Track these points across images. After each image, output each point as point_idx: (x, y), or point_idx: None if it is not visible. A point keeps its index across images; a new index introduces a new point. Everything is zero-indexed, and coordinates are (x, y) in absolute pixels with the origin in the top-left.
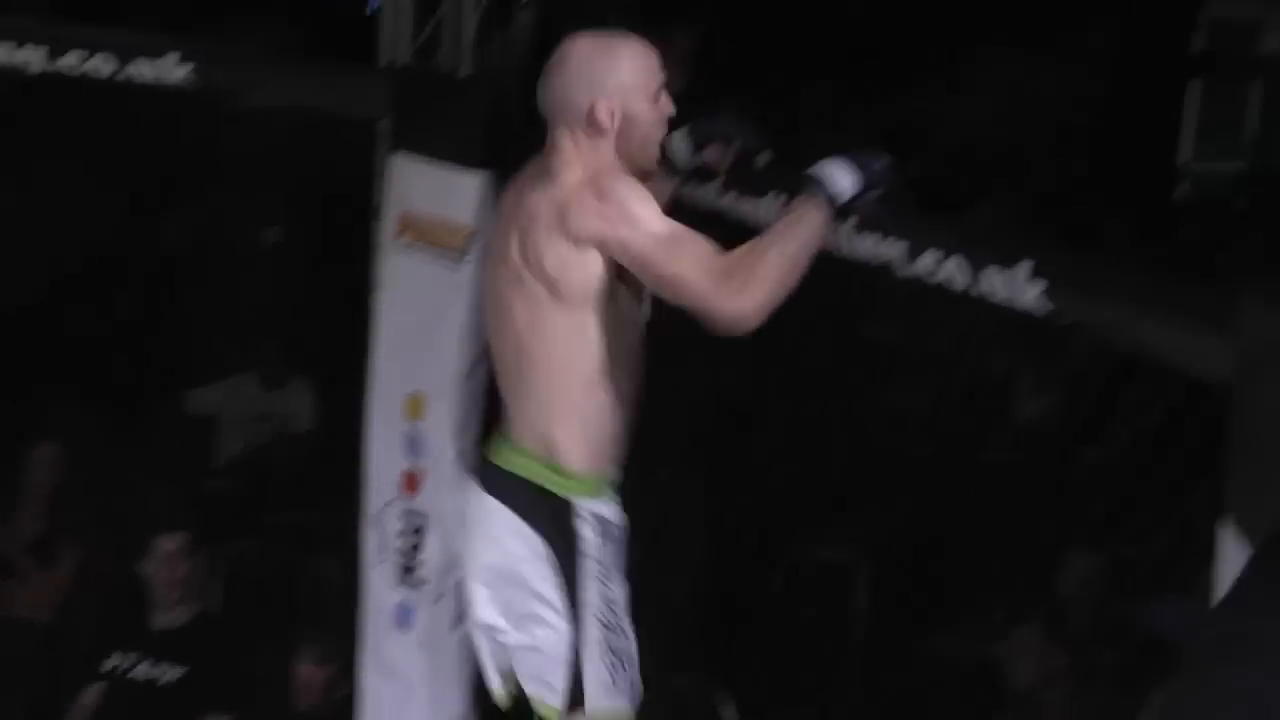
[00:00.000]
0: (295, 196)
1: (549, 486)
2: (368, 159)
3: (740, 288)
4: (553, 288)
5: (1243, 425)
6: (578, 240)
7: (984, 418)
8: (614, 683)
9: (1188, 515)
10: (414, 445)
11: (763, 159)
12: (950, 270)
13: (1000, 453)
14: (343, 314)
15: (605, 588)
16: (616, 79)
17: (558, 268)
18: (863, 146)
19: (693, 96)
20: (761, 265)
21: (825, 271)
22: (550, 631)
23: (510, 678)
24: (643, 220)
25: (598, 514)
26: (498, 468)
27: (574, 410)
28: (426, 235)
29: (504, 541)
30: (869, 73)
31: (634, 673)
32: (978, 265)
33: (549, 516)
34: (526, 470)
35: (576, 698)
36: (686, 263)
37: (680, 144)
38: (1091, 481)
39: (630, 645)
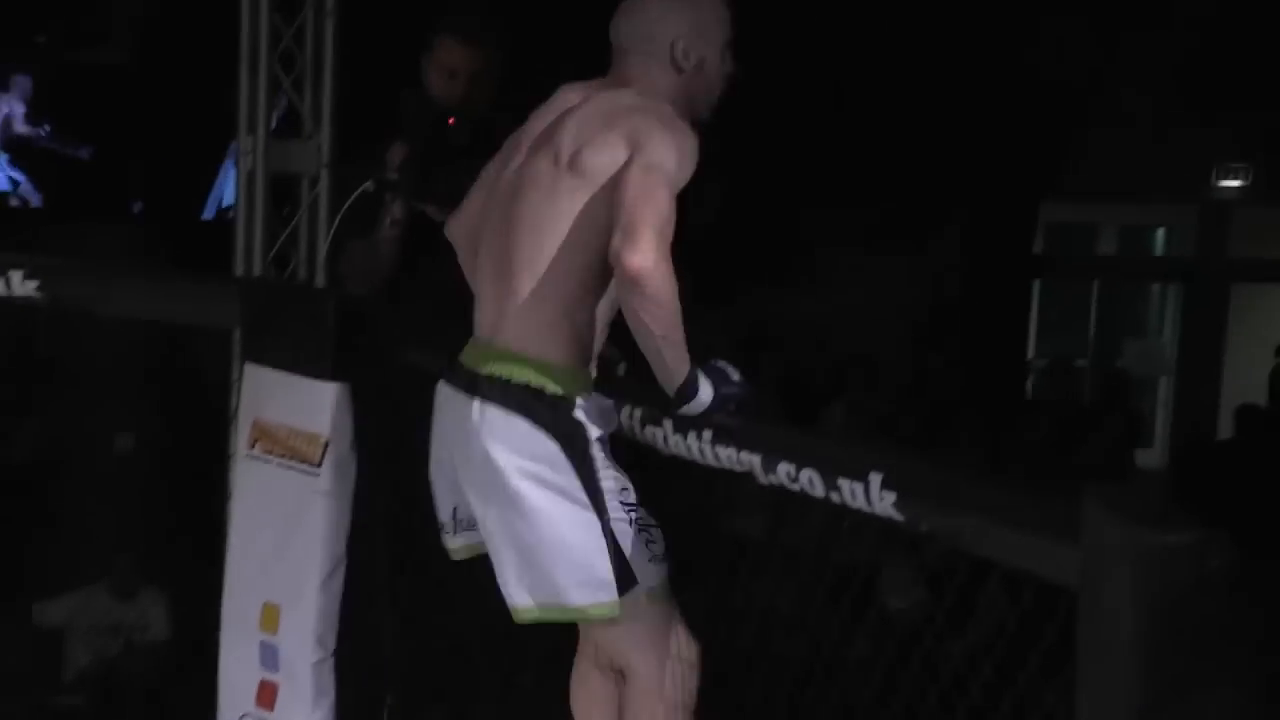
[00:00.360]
0: (150, 403)
1: (547, 387)
2: (225, 366)
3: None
4: (581, 174)
5: (1089, 628)
6: (628, 145)
7: (848, 615)
8: (654, 556)
9: (1041, 716)
10: (269, 656)
11: (621, 369)
12: (805, 480)
13: (862, 649)
14: (197, 523)
15: (616, 474)
16: (701, 24)
17: (596, 158)
18: (718, 357)
19: None
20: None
21: (692, 469)
22: (581, 526)
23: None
24: (664, 174)
25: (594, 406)
26: (487, 376)
27: (572, 301)
28: (280, 445)
29: (512, 449)
30: (731, 272)
31: (663, 545)
32: (830, 477)
33: (551, 415)
34: (521, 374)
35: (626, 581)
36: (648, 220)
37: None
38: (951, 680)
39: (651, 520)
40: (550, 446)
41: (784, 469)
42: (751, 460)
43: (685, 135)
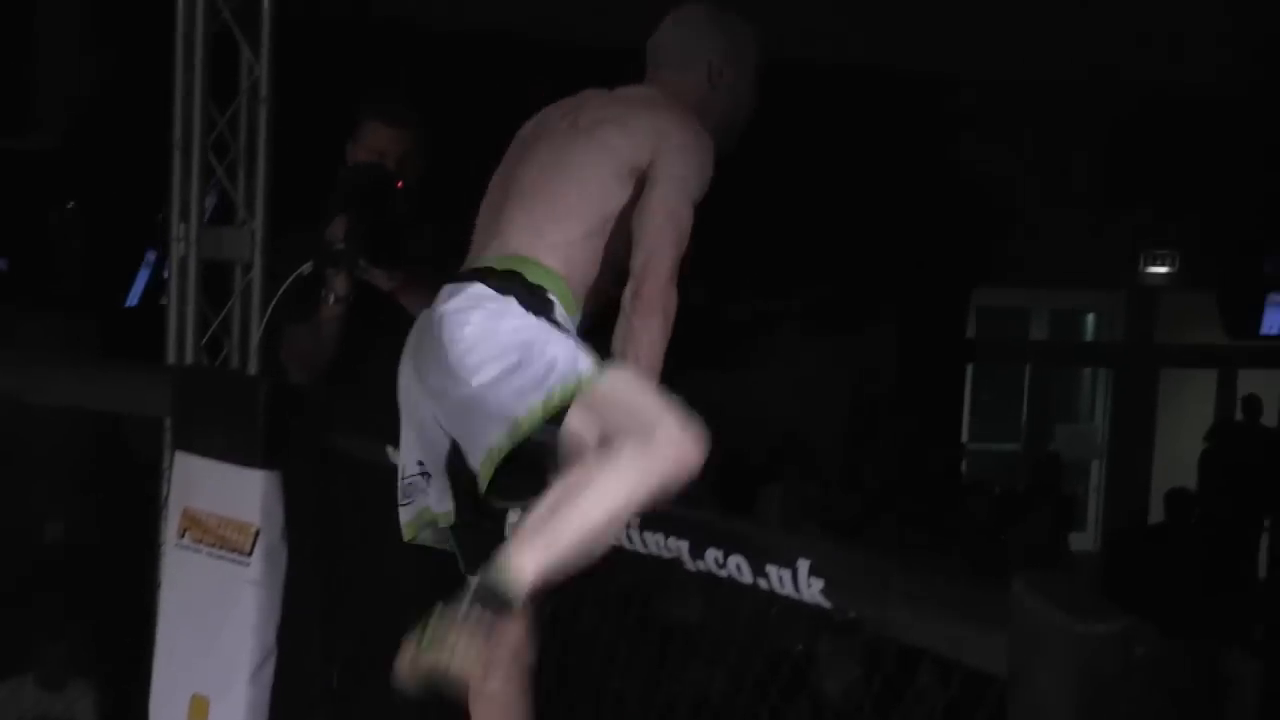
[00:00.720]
0: (80, 491)
1: (528, 275)
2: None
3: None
4: (599, 143)
5: (1019, 715)
6: (651, 148)
7: (782, 699)
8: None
9: None
10: None
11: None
12: (734, 567)
13: None
14: (126, 613)
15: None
16: (738, 47)
17: (617, 137)
18: None
19: None
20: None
21: (622, 556)
22: (533, 328)
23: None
24: (687, 191)
25: (571, 325)
26: (470, 270)
27: (575, 240)
28: (210, 534)
29: (468, 301)
30: (670, 353)
31: None
32: (758, 563)
33: (525, 292)
34: (502, 264)
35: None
36: (671, 249)
37: None
38: None
39: None
40: (509, 302)
41: (712, 555)
42: (679, 546)
43: (706, 142)
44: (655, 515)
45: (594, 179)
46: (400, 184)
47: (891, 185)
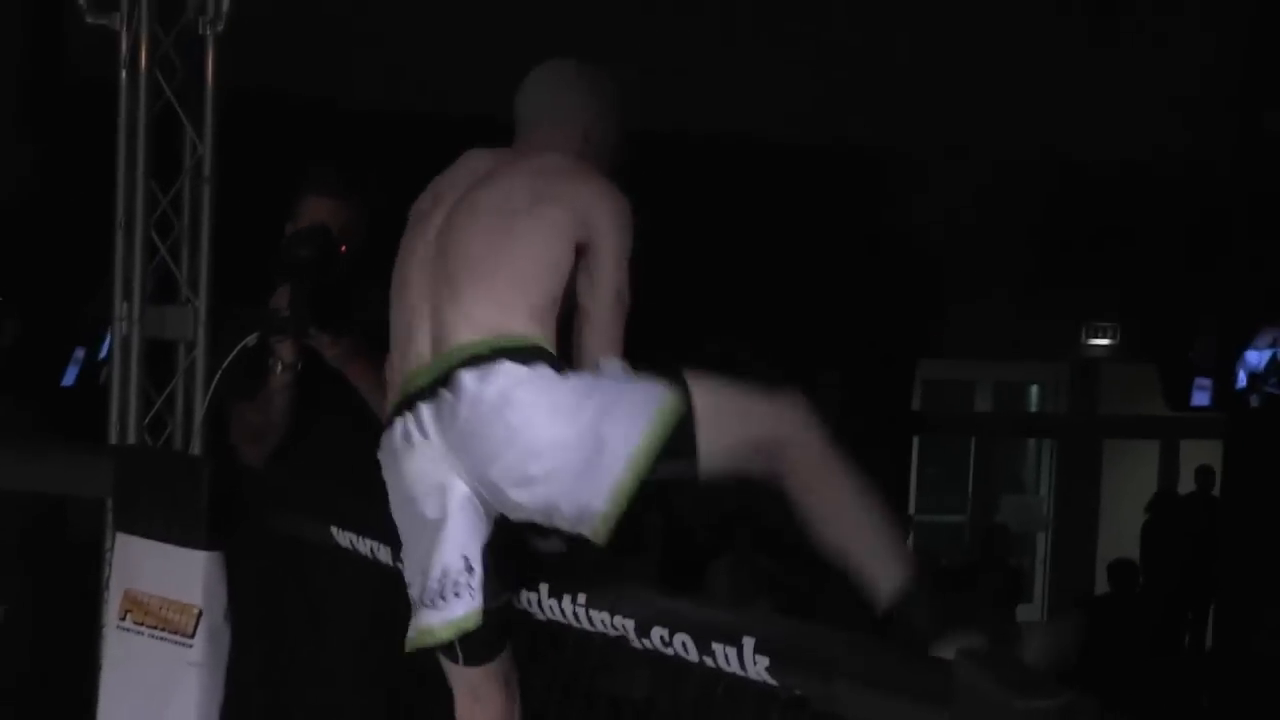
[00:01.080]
0: (21, 574)
1: (530, 344)
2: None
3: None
4: (535, 217)
5: None
6: (587, 222)
7: None
8: None
9: None
10: None
11: None
12: (679, 645)
13: None
14: (68, 696)
15: None
16: (611, 104)
17: (564, 219)
18: None
19: None
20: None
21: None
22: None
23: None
24: (624, 260)
25: None
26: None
27: (544, 312)
28: (152, 616)
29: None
30: None
31: None
32: (703, 641)
33: (540, 355)
34: (497, 343)
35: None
36: (621, 322)
37: None
38: None
39: None
40: (542, 367)
41: (657, 633)
42: (625, 625)
43: (621, 199)
44: (601, 594)
45: (547, 252)
46: (344, 248)
47: (835, 259)
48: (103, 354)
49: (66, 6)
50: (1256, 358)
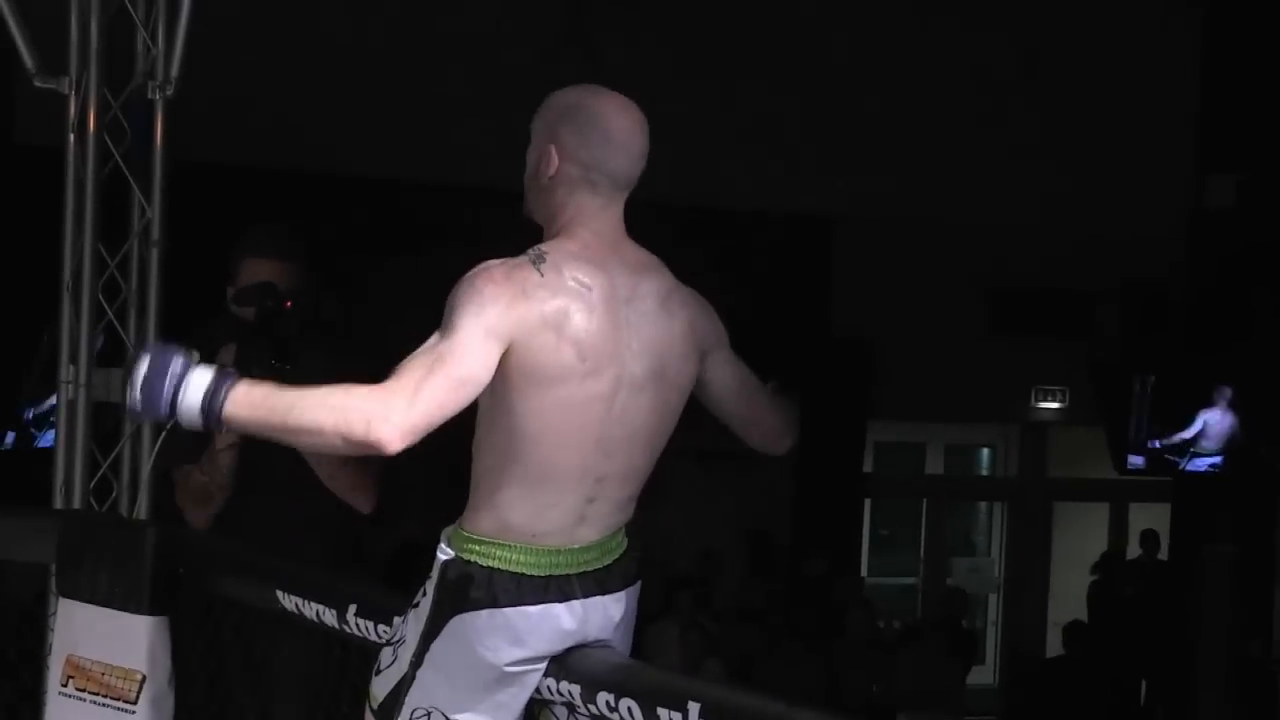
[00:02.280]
0: None
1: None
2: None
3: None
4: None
5: None
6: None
7: None
8: None
9: None
10: None
11: None
12: (625, 710)
13: None
14: None
15: None
16: None
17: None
18: None
19: None
20: None
21: None
22: None
23: None
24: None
25: None
26: (610, 565)
27: None
28: (95, 682)
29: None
30: None
31: None
32: (648, 707)
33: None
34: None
35: None
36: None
37: None
38: None
39: None
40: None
41: (603, 698)
42: (571, 690)
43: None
44: (549, 659)
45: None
46: (289, 304)
47: (782, 322)
48: (28, 415)
49: (15, 71)
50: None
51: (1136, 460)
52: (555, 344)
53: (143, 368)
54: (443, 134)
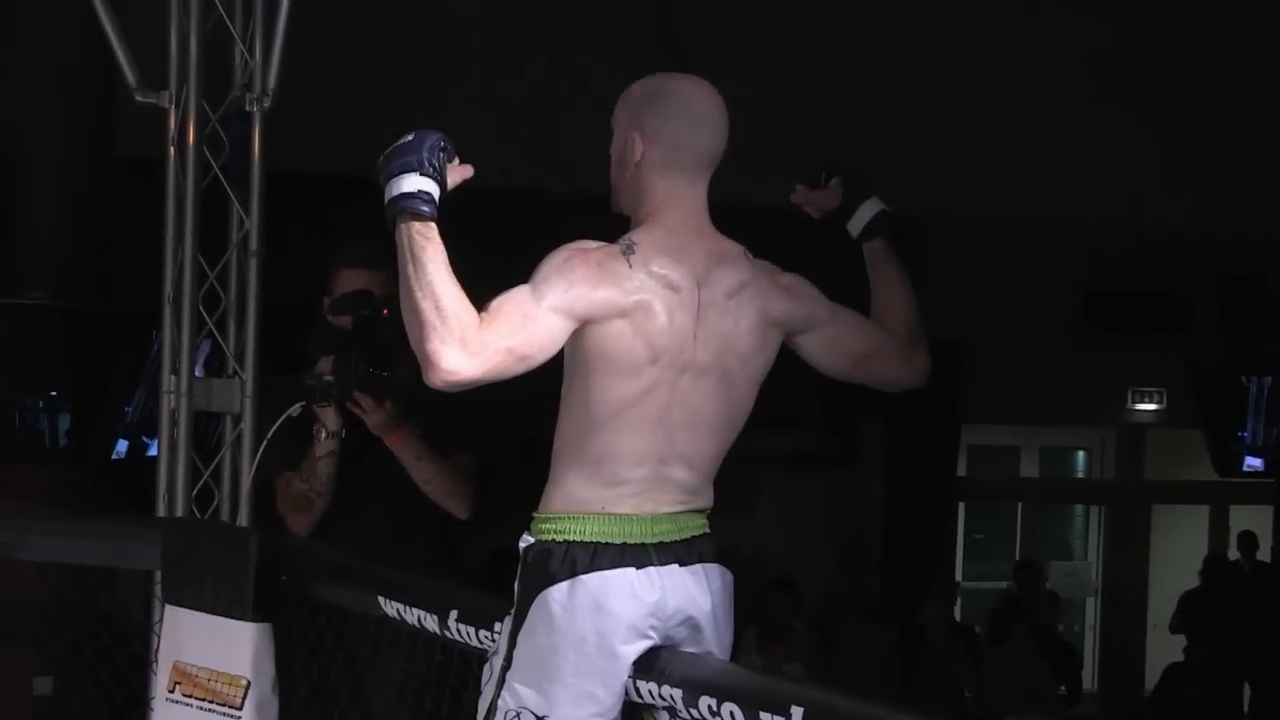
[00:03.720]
0: (70, 645)
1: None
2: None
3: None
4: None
5: None
6: None
7: None
8: None
9: None
10: None
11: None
12: (727, 715)
13: None
14: None
15: None
16: None
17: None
18: None
19: None
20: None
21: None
22: None
23: None
24: None
25: None
26: (688, 540)
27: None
28: (200, 688)
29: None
30: None
31: None
32: (751, 711)
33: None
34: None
35: None
36: None
37: None
38: None
39: None
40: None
41: (705, 702)
42: (673, 694)
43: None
44: (648, 664)
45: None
46: (385, 311)
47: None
48: (132, 419)
49: (116, 87)
50: None
51: (1254, 462)
52: (630, 336)
53: (410, 136)
54: (537, 138)
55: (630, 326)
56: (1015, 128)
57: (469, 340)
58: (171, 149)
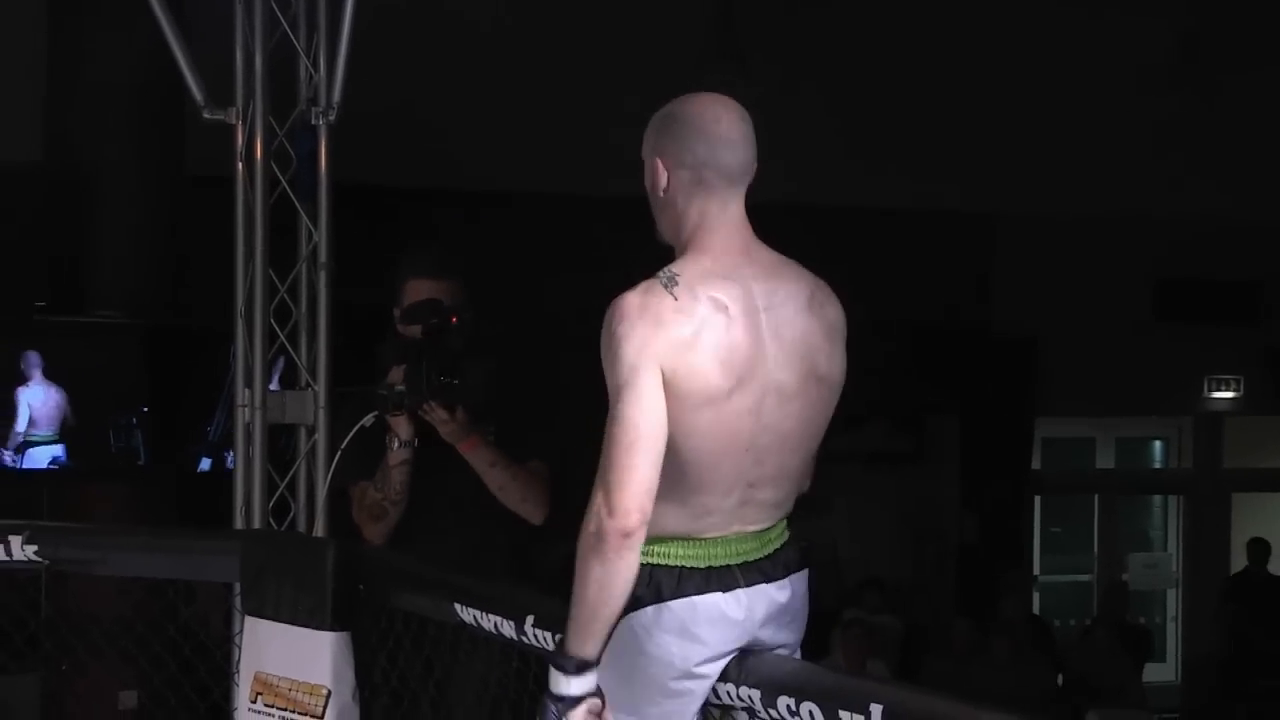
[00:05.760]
0: (153, 659)
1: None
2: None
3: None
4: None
5: None
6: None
7: None
8: None
9: None
10: None
11: None
12: (806, 714)
13: None
14: None
15: None
16: None
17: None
18: None
19: None
20: None
21: None
22: None
23: None
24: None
25: None
26: (772, 554)
27: None
28: (282, 698)
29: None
30: None
31: None
32: (830, 709)
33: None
34: (785, 539)
35: None
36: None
37: None
38: None
39: None
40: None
41: (784, 702)
42: (751, 694)
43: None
44: (718, 661)
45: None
46: (454, 319)
47: (949, 320)
48: (212, 435)
49: (184, 105)
50: None
51: None
52: (698, 366)
53: None
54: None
55: (695, 358)
56: (1086, 123)
57: (602, 524)
58: (239, 165)
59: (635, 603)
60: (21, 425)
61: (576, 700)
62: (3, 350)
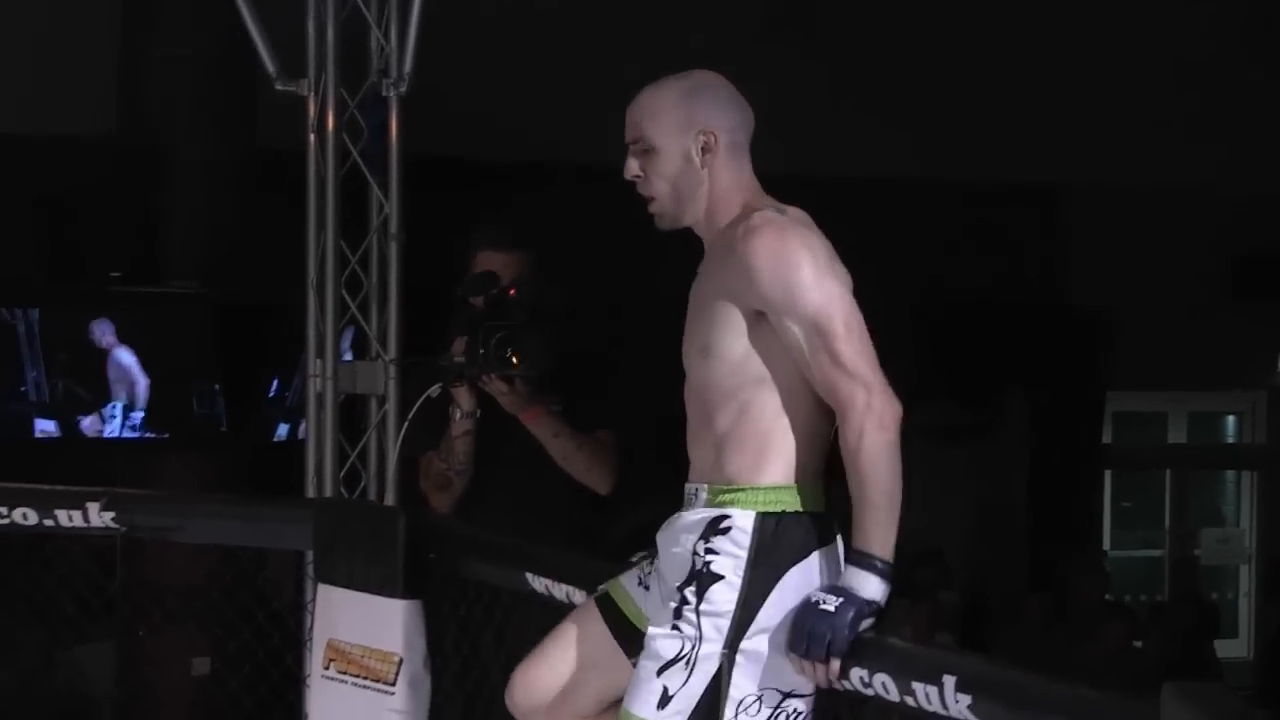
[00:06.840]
0: (226, 626)
1: None
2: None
3: None
4: None
5: None
6: None
7: None
8: None
9: None
10: None
11: None
12: (880, 685)
13: None
14: None
15: None
16: None
17: None
18: None
19: None
20: None
21: None
22: None
23: None
24: None
25: None
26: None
27: None
28: (354, 664)
29: None
30: None
31: None
32: (903, 681)
33: None
34: None
35: None
36: None
37: None
38: None
39: None
40: None
41: (857, 674)
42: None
43: None
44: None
45: None
46: (512, 291)
47: (1021, 294)
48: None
49: (257, 77)
50: None
51: None
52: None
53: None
54: None
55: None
56: (1159, 93)
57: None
58: (311, 136)
59: (803, 549)
60: (120, 396)
61: (883, 608)
62: (79, 320)
